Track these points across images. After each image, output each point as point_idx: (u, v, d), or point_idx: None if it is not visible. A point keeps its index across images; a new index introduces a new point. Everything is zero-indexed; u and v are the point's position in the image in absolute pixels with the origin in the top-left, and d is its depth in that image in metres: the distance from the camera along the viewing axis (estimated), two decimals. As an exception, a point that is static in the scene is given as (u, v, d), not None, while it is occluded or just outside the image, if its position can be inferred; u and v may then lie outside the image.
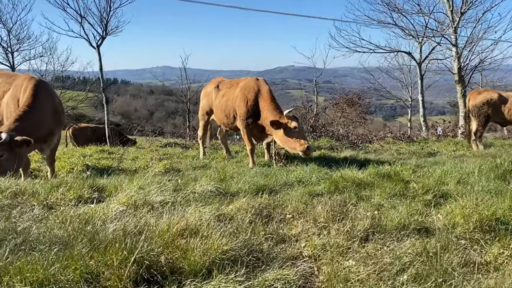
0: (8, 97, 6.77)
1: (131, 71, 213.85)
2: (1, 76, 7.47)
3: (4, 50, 19.86)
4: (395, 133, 16.56)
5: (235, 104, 8.62)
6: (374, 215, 3.67)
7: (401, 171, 5.97)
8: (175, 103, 64.68)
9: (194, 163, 9.01)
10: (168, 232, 2.92)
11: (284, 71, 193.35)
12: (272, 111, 8.00)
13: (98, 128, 17.84)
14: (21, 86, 6.65)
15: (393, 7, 19.81)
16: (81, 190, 4.30)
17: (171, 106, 72.70)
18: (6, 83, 7.10)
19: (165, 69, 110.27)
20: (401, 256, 2.85)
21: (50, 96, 6.87)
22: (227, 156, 10.26)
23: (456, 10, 18.04)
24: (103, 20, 15.33)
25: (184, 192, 4.37)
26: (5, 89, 6.98)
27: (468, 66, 19.26)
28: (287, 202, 4.10)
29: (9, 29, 19.73)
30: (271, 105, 8.11)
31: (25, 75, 7.15)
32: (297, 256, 2.92)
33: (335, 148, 12.16)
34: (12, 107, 6.58)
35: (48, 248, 2.64)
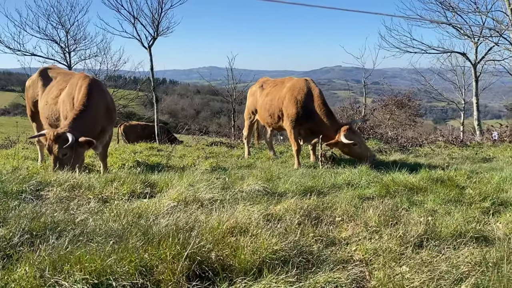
0: (64, 95, 7.08)
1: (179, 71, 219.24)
2: (59, 75, 7.84)
3: (62, 50, 20.88)
4: (446, 136, 15.91)
5: (282, 105, 8.58)
6: (428, 221, 3.53)
7: (455, 176, 5.71)
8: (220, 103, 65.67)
9: (239, 162, 9.08)
10: (218, 229, 2.95)
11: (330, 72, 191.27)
12: (326, 117, 8.00)
13: (147, 126, 18.38)
14: (76, 85, 6.94)
15: (447, 6, 19.07)
16: (134, 185, 4.44)
17: (216, 105, 73.89)
18: (64, 81, 7.44)
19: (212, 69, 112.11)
20: (458, 265, 2.72)
21: (103, 94, 7.12)
22: (272, 156, 10.25)
23: (517, 8, 17.09)
24: (154, 21, 15.76)
25: (232, 190, 4.41)
26: (62, 87, 7.31)
27: (529, 67, 18.21)
28: (336, 205, 4.03)
29: (67, 30, 20.74)
30: (324, 111, 8.04)
31: (80, 74, 7.43)
32: (347, 260, 2.86)
33: (383, 151, 11.85)
34: (67, 105, 6.88)
35: (105, 240, 2.74)
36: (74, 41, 21.17)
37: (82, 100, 6.58)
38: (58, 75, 7.83)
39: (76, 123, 6.31)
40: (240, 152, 11.15)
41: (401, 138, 14.56)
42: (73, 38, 21.08)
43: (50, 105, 7.34)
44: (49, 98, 7.43)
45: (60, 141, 6.01)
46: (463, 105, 26.27)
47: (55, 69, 8.43)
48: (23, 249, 2.59)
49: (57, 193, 4.15)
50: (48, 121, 7.42)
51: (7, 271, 2.31)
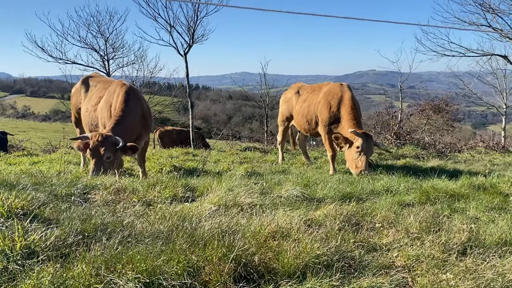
0: (103, 102, 7.33)
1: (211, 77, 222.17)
2: (99, 82, 8.13)
3: (101, 58, 21.64)
4: (487, 142, 15.46)
5: (317, 110, 8.60)
6: (471, 229, 3.48)
7: (498, 183, 5.57)
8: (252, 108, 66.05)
9: (274, 168, 9.14)
10: (260, 233, 3.02)
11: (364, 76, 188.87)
12: (350, 121, 7.88)
13: (182, 131, 18.75)
14: (113, 92, 7.17)
15: (487, 8, 18.52)
16: (175, 189, 4.58)
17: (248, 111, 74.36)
18: (103, 88, 7.70)
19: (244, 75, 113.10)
20: (505, 273, 2.68)
21: (139, 101, 7.29)
22: (306, 162, 10.26)
23: (562, 8, 16.42)
24: (190, 29, 16.11)
25: (270, 195, 4.48)
26: (101, 95, 7.56)
27: None
28: (375, 211, 4.03)
29: (106, 38, 21.49)
30: (350, 114, 7.95)
31: (117, 82, 7.64)
32: (389, 266, 2.86)
33: (420, 157, 11.64)
34: (105, 112, 7.11)
35: (152, 241, 2.86)
36: (112, 49, 21.91)
37: (120, 107, 6.78)
38: (98, 83, 8.13)
39: (116, 129, 6.51)
40: (274, 158, 11.21)
41: (439, 143, 14.25)
42: (111, 46, 21.81)
43: (90, 112, 7.62)
44: (89, 105, 7.72)
45: (107, 144, 6.19)
46: (505, 110, 25.31)
47: (96, 77, 8.76)
48: (78, 248, 2.74)
49: (103, 196, 4.34)
50: (88, 127, 7.71)
51: (65, 269, 2.45)
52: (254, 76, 28.43)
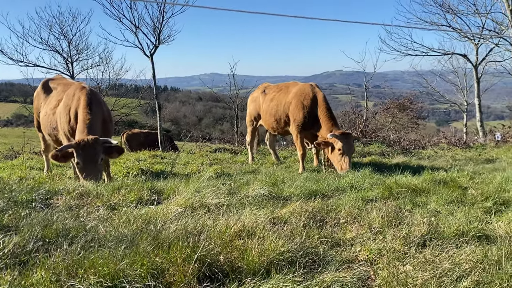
0: (61, 106, 7.09)
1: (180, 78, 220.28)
2: (59, 85, 7.85)
3: (65, 60, 21.09)
4: (449, 138, 15.99)
5: (288, 110, 8.67)
6: (431, 222, 3.60)
7: (458, 178, 5.78)
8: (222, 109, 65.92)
9: (244, 168, 9.15)
10: (226, 233, 3.03)
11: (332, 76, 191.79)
12: (328, 122, 8.03)
13: (150, 134, 18.48)
14: (73, 96, 6.93)
15: (447, 8, 19.23)
16: (141, 192, 4.53)
17: (219, 112, 74.17)
18: (62, 91, 7.42)
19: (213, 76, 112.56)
20: (461, 262, 2.79)
21: (100, 105, 7.11)
22: (276, 161, 10.32)
23: (516, 9, 17.19)
24: (156, 29, 15.88)
25: (238, 195, 4.49)
26: (60, 98, 7.27)
27: (530, 68, 18.29)
28: (340, 207, 4.11)
29: (69, 40, 20.96)
30: (327, 115, 8.10)
31: (76, 85, 7.39)
32: (352, 260, 2.93)
33: (386, 154, 11.91)
34: (64, 116, 6.88)
35: (116, 245, 2.82)
36: (76, 51, 21.40)
37: (85, 112, 6.58)
38: (58, 85, 7.86)
39: (90, 134, 6.33)
40: (244, 158, 11.23)
41: (404, 141, 14.62)
42: (75, 48, 21.31)
43: (49, 116, 7.36)
44: (48, 108, 7.46)
45: (99, 147, 6.03)
46: (466, 107, 26.33)
47: (57, 79, 8.48)
48: (38, 255, 2.68)
49: (66, 201, 4.25)
50: (47, 131, 7.46)
51: (23, 276, 2.39)
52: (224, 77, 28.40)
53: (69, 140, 6.81)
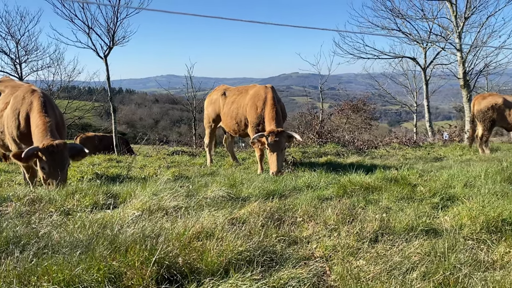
0: (9, 109, 6.76)
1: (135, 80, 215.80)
2: (7, 87, 7.44)
3: (13, 61, 20.19)
4: (400, 138, 16.62)
5: (246, 112, 8.75)
6: (383, 218, 3.76)
7: (408, 175, 6.05)
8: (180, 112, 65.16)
9: (202, 170, 9.13)
10: (185, 234, 3.03)
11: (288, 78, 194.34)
12: (270, 120, 8.09)
13: (105, 137, 18.03)
14: (22, 99, 6.64)
15: (396, 13, 20.00)
16: (96, 197, 4.44)
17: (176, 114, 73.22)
18: (10, 94, 7.06)
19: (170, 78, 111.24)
20: (410, 255, 2.95)
21: (53, 109, 6.87)
22: (234, 163, 10.37)
23: (460, 15, 18.17)
24: (110, 30, 15.54)
25: (196, 197, 4.48)
26: (7, 101, 6.91)
27: (473, 70, 19.38)
28: (297, 206, 4.21)
29: (17, 40, 20.07)
30: (271, 113, 8.16)
31: (25, 87, 7.10)
32: (309, 257, 3.02)
33: (341, 154, 12.25)
34: (12, 121, 6.58)
35: (71, 250, 2.76)
36: (25, 52, 20.55)
37: (41, 115, 6.32)
38: (6, 88, 7.45)
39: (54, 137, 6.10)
40: (203, 160, 11.19)
41: (358, 141, 15.08)
42: (24, 49, 20.45)
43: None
44: None
45: (66, 152, 5.87)
46: (415, 108, 27.51)
47: (5, 81, 8.05)
48: (-13, 264, 2.57)
49: (16, 207, 4.08)
50: None
51: (-29, 287, 2.29)
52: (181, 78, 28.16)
53: (17, 145, 6.52)
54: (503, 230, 3.50)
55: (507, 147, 13.74)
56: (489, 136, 11.95)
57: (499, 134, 25.32)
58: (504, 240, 3.25)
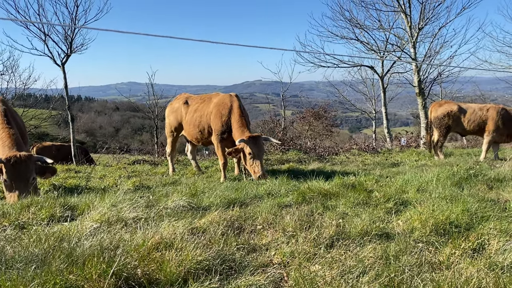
0: None
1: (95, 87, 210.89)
2: None
3: (-37, 69, 19.29)
4: (360, 144, 17.10)
5: (210, 120, 8.79)
6: (339, 223, 3.89)
7: (364, 181, 6.26)
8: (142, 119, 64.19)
9: (164, 180, 9.06)
10: (144, 246, 3.03)
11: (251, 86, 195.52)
12: (239, 128, 8.21)
13: (62, 147, 17.50)
14: None
15: (355, 23, 20.64)
16: (52, 209, 4.33)
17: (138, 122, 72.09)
18: None
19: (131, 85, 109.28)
20: (363, 259, 3.07)
21: (14, 117, 6.68)
22: (197, 172, 10.36)
23: (414, 26, 18.99)
24: (68, 38, 15.19)
25: (156, 208, 4.47)
26: None
27: (428, 79, 20.26)
28: (257, 214, 4.28)
29: (-32, 47, 19.24)
30: (239, 122, 8.30)
31: None
32: (267, 264, 3.09)
33: (303, 161, 12.47)
34: None
35: (26, 265, 2.70)
36: (-24, 59, 19.64)
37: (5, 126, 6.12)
38: None
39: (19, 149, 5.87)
40: (165, 169, 11.09)
41: (319, 148, 15.40)
42: (-25, 56, 19.57)
43: None
44: None
45: (31, 165, 5.69)
46: (374, 115, 28.39)
47: None
48: None
49: (-33, 223, 3.93)
50: None
51: None
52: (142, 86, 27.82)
53: None
54: (451, 232, 3.70)
55: (460, 152, 14.44)
56: (444, 142, 12.51)
57: (453, 140, 26.53)
58: (451, 242, 3.44)
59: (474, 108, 11.82)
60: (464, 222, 3.90)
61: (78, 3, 14.94)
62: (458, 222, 3.88)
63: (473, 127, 11.68)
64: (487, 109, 11.61)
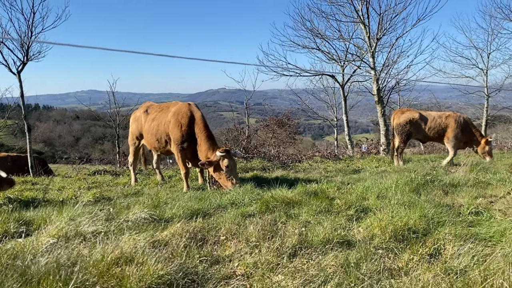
0: None
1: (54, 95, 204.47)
2: None
3: None
4: (322, 152, 17.35)
5: (168, 129, 8.71)
6: (302, 232, 3.93)
7: (327, 189, 6.36)
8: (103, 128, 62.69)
9: (126, 191, 8.85)
10: (103, 261, 2.95)
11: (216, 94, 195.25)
12: (206, 139, 8.23)
13: (19, 157, 16.77)
14: None
15: (316, 33, 21.03)
16: (6, 225, 4.15)
17: (99, 131, 70.38)
18: None
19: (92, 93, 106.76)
20: (325, 268, 3.12)
21: None
22: (160, 181, 10.20)
23: (373, 36, 19.56)
24: (24, 45, 14.64)
25: (117, 221, 4.36)
26: None
27: (386, 87, 20.86)
28: (220, 225, 4.26)
29: None
30: (205, 133, 8.31)
31: None
32: (230, 276, 3.08)
33: (267, 169, 12.51)
34: None
35: (-25, 287, 2.57)
36: None
37: None
38: None
39: None
40: (127, 180, 10.85)
41: (283, 155, 15.51)
42: None
43: None
44: None
45: None
46: (336, 122, 28.95)
47: None
48: None
49: None
50: None
51: None
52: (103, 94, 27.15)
53: None
54: (409, 238, 3.82)
55: (417, 158, 14.94)
56: (404, 148, 12.91)
57: (412, 146, 27.45)
58: (409, 248, 3.55)
59: (434, 115, 12.32)
60: (421, 227, 4.03)
61: (35, 10, 14.45)
62: (416, 228, 4.01)
63: (433, 134, 12.16)
64: (445, 117, 12.13)
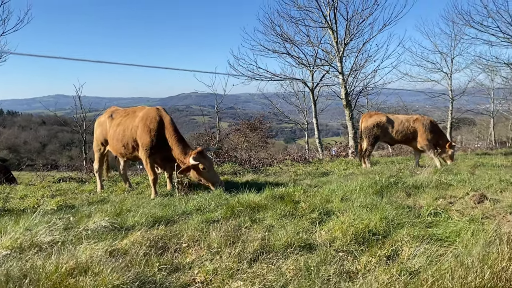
0: None
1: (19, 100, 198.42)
2: None
3: None
4: (293, 155, 17.44)
5: (136, 134, 8.55)
6: (264, 236, 3.93)
7: (293, 192, 6.38)
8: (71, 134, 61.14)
9: (91, 198, 8.64)
10: (57, 272, 2.86)
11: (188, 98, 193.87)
12: (178, 143, 8.20)
13: (-20, 165, 16.16)
14: None
15: (285, 38, 21.19)
16: (-44, 237, 3.96)
17: (66, 137, 68.67)
18: None
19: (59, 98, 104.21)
20: (285, 272, 3.12)
21: None
22: (128, 188, 9.99)
23: (341, 41, 19.87)
24: (-17, 48, 14.16)
25: (76, 230, 4.25)
26: None
27: (354, 91, 21.21)
28: (183, 231, 4.21)
29: None
30: (176, 137, 8.25)
31: None
32: (190, 283, 3.04)
33: (237, 173, 12.47)
34: None
35: None
36: None
37: None
38: None
39: None
40: (93, 187, 10.59)
41: (254, 159, 15.51)
42: None
43: None
44: None
45: None
46: (306, 126, 29.26)
47: None
48: None
49: None
50: None
51: None
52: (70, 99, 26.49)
53: None
54: (369, 240, 3.87)
55: (385, 160, 15.24)
56: (372, 151, 13.14)
57: (380, 148, 28.01)
58: (368, 250, 3.60)
59: (402, 119, 12.58)
60: (382, 229, 4.09)
61: (-5, 12, 14.00)
62: (376, 230, 4.07)
63: (401, 137, 12.42)
64: (413, 120, 12.42)
